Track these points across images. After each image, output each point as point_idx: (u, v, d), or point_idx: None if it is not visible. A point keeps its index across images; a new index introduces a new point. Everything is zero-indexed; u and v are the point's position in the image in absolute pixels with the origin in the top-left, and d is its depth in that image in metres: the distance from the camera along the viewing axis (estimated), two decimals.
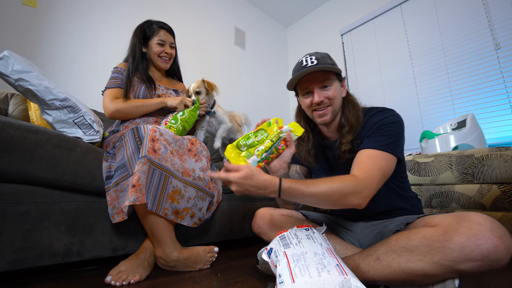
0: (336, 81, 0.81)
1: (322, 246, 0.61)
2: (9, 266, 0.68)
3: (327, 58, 0.81)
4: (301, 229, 0.70)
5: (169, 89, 1.27)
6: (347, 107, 0.84)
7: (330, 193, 0.65)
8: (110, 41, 1.96)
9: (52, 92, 0.88)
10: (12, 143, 0.69)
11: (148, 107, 1.13)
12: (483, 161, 1.24)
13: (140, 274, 0.78)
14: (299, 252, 0.59)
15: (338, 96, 0.82)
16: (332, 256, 0.57)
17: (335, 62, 0.83)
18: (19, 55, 0.89)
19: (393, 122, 0.76)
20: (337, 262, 0.55)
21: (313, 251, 0.58)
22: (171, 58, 1.28)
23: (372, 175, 0.67)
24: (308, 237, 0.65)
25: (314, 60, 0.78)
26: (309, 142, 0.91)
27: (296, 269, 0.53)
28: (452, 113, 2.03)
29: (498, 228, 0.50)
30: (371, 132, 0.76)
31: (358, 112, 0.82)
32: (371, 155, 0.72)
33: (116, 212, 0.82)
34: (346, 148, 0.80)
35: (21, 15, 1.59)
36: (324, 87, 0.80)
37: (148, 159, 0.81)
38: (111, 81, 1.16)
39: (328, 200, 0.66)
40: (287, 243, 0.64)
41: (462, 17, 2.03)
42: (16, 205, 0.71)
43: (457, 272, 0.52)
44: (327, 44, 3.05)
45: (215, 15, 2.79)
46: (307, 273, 0.51)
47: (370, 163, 0.70)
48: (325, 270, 0.51)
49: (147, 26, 1.23)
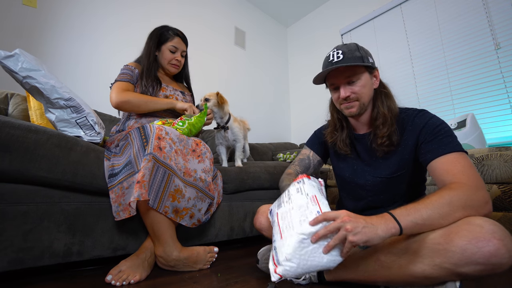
0: (365, 74, 0.79)
1: (307, 196, 0.64)
2: (9, 266, 0.68)
3: (355, 51, 0.77)
4: (294, 183, 0.73)
5: (176, 91, 1.29)
6: (380, 99, 0.81)
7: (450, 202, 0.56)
8: (110, 41, 1.96)
9: (57, 91, 0.90)
10: (12, 142, 0.69)
11: (157, 104, 1.13)
12: (483, 161, 1.24)
13: (140, 274, 0.78)
14: (288, 209, 0.65)
15: (366, 89, 0.79)
16: (315, 203, 0.61)
17: (365, 52, 0.79)
18: (30, 54, 0.91)
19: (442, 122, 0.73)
20: (318, 209, 0.59)
21: (298, 204, 0.63)
22: (180, 66, 1.31)
23: (469, 175, 0.61)
24: (297, 191, 0.68)
25: (340, 55, 0.76)
26: (343, 133, 0.91)
27: (283, 226, 0.62)
28: (452, 113, 2.03)
29: (500, 231, 0.49)
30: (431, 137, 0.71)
31: (391, 104, 0.80)
32: (450, 160, 0.65)
33: (122, 209, 0.82)
34: (384, 142, 0.78)
35: (21, 15, 1.59)
36: (350, 82, 0.78)
37: (153, 157, 0.82)
38: (121, 75, 1.17)
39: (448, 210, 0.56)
40: (280, 203, 0.71)
41: (462, 17, 2.03)
42: (16, 205, 0.71)
43: (459, 275, 0.51)
44: (327, 44, 3.04)
45: (215, 15, 2.79)
46: (292, 227, 0.59)
47: (457, 167, 0.63)
48: (306, 221, 0.57)
49: (163, 31, 1.25)
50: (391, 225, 0.54)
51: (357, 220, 0.54)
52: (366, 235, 0.53)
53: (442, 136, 0.69)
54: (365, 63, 0.76)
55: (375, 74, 0.83)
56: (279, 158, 2.09)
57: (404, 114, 0.81)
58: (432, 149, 0.69)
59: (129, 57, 1.38)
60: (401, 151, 0.79)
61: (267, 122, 3.10)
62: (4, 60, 0.83)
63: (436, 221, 0.55)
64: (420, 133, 0.74)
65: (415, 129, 0.75)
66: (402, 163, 0.79)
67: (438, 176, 0.66)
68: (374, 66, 0.80)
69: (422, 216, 0.55)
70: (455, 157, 0.65)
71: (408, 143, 0.77)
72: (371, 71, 0.81)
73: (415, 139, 0.75)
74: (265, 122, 3.06)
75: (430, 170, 0.69)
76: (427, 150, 0.70)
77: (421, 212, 0.55)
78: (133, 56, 1.31)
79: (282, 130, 3.28)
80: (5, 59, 0.83)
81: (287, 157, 2.04)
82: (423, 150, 0.72)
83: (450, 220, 0.55)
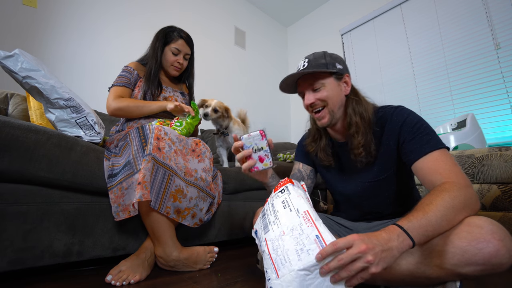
0: (329, 80, 0.77)
1: (298, 213, 0.55)
2: (9, 266, 0.68)
3: (320, 58, 0.78)
4: (277, 194, 0.64)
5: (176, 92, 1.27)
6: (351, 106, 0.80)
7: (452, 204, 0.54)
8: (110, 41, 1.96)
9: (57, 91, 0.90)
10: (12, 142, 0.69)
11: (149, 108, 1.11)
12: (483, 161, 1.24)
13: (140, 274, 0.78)
14: (278, 234, 0.55)
15: (333, 96, 0.78)
16: (311, 225, 0.51)
17: (332, 59, 0.79)
18: (29, 54, 0.91)
19: (419, 119, 0.73)
20: (316, 233, 0.50)
21: (290, 226, 0.54)
22: (182, 68, 1.27)
23: (456, 172, 0.61)
24: (284, 205, 0.59)
25: (306, 63, 0.78)
26: (321, 142, 0.89)
27: (277, 260, 0.51)
28: (452, 113, 2.03)
29: (499, 231, 0.49)
30: (411, 135, 0.71)
31: (363, 111, 0.78)
32: (434, 158, 0.65)
33: (121, 209, 0.82)
34: (360, 154, 0.77)
35: (21, 15, 1.59)
36: (315, 89, 0.78)
37: (152, 157, 0.82)
38: (119, 79, 1.16)
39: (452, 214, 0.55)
40: (266, 224, 0.60)
41: (462, 17, 2.03)
42: (16, 205, 0.71)
43: (459, 276, 0.51)
44: (327, 44, 3.04)
45: (215, 15, 2.79)
46: (288, 261, 0.49)
47: (442, 165, 0.63)
48: (305, 250, 0.48)
49: (168, 31, 1.22)
50: (405, 242, 0.50)
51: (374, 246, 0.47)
52: (386, 261, 0.47)
53: (422, 134, 0.69)
54: (329, 70, 0.76)
55: (346, 81, 0.81)
56: (279, 158, 2.09)
57: (382, 113, 0.79)
58: (414, 149, 0.68)
59: (130, 56, 1.38)
60: (383, 153, 0.77)
61: (267, 122, 3.09)
62: (3, 60, 0.83)
63: (443, 228, 0.53)
64: (400, 132, 0.73)
65: (394, 128, 0.74)
66: (387, 165, 0.78)
67: (425, 176, 0.65)
68: (342, 72, 0.79)
69: (432, 224, 0.52)
70: (439, 154, 0.65)
71: (389, 143, 0.76)
72: (339, 77, 0.79)
73: (395, 138, 0.74)
74: (265, 122, 3.06)
75: (415, 170, 0.68)
76: (410, 150, 0.69)
77: (430, 221, 0.52)
78: (134, 56, 1.31)
79: (282, 130, 3.28)
80: (4, 59, 0.83)
81: (287, 157, 2.04)
82: (405, 150, 0.71)
83: (454, 224, 0.54)
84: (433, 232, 0.52)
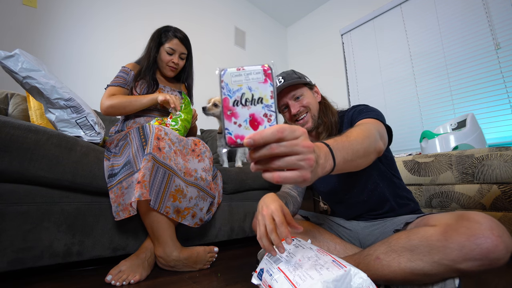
0: (306, 89, 0.90)
1: (312, 249, 0.60)
2: (9, 266, 0.68)
3: (293, 74, 0.90)
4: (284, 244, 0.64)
5: (174, 91, 1.27)
6: (322, 111, 0.91)
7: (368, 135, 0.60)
8: (109, 41, 1.96)
9: (57, 92, 0.90)
10: (12, 142, 0.69)
11: (141, 102, 1.09)
12: (483, 161, 1.24)
13: (140, 274, 0.78)
14: (293, 262, 0.56)
15: (313, 102, 0.89)
16: (326, 255, 0.57)
17: (301, 74, 0.92)
18: (29, 54, 0.91)
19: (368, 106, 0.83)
20: (332, 259, 0.55)
21: (305, 256, 0.57)
22: (178, 68, 1.26)
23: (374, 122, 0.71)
24: (296, 246, 0.63)
25: (282, 79, 0.87)
26: None
27: (296, 278, 0.51)
28: (452, 113, 2.03)
29: (498, 227, 0.50)
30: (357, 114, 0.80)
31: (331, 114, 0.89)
32: (367, 120, 0.73)
33: (121, 209, 0.82)
34: None
35: (21, 15, 1.59)
36: (296, 98, 0.87)
37: (152, 157, 0.82)
38: (115, 79, 1.17)
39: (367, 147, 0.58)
40: (277, 258, 0.60)
41: (462, 17, 2.03)
42: (16, 205, 0.71)
43: (457, 272, 0.52)
44: (327, 44, 3.05)
45: (215, 15, 2.79)
46: (308, 276, 0.50)
47: (370, 122, 0.71)
48: (324, 268, 0.51)
49: (163, 31, 1.22)
50: (328, 163, 0.44)
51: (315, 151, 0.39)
52: (314, 175, 0.39)
53: (365, 111, 0.79)
54: (303, 81, 0.88)
55: (316, 90, 0.94)
56: None
57: (342, 113, 0.90)
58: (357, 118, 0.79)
59: (130, 57, 1.38)
60: None
61: None
62: (4, 60, 0.83)
63: (359, 154, 0.53)
64: (351, 117, 0.83)
65: (348, 116, 0.85)
66: None
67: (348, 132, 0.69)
68: (312, 83, 0.94)
69: (352, 148, 0.51)
70: (371, 119, 0.74)
71: None
72: (311, 87, 0.93)
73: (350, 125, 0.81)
74: None
75: None
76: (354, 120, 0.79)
77: (352, 144, 0.52)
78: (134, 56, 1.31)
79: None
80: (5, 59, 0.83)
81: None
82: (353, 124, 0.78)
83: (367, 160, 0.59)
84: (351, 157, 0.51)
